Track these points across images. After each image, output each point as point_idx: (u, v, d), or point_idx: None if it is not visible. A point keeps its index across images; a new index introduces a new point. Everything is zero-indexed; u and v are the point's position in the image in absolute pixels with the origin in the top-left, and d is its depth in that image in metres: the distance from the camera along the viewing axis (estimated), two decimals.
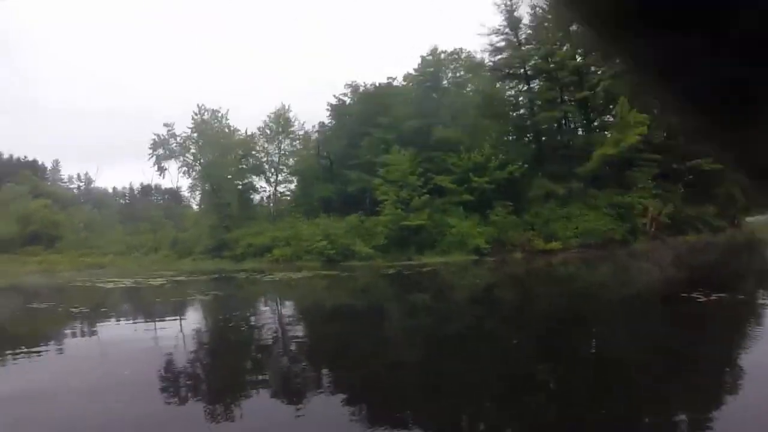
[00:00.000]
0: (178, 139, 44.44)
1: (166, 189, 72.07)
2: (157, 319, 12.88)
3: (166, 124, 43.29)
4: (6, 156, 71.06)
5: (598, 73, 36.13)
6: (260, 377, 7.00)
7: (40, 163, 73.79)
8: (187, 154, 45.17)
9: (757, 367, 6.02)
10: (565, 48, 37.10)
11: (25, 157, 72.20)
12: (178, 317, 13.29)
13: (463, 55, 39.16)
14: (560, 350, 8.26)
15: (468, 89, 38.42)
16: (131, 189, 78.20)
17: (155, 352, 8.54)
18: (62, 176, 77.72)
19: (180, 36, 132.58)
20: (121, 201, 74.50)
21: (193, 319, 12.99)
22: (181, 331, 10.78)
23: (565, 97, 36.60)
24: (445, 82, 38.86)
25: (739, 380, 5.83)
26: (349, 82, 42.26)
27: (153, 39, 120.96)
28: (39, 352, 8.80)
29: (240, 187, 43.68)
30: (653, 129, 33.63)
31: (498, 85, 37.52)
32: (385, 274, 24.96)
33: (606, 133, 35.71)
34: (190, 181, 49.09)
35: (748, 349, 7.11)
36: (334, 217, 35.24)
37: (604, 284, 17.70)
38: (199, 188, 48.44)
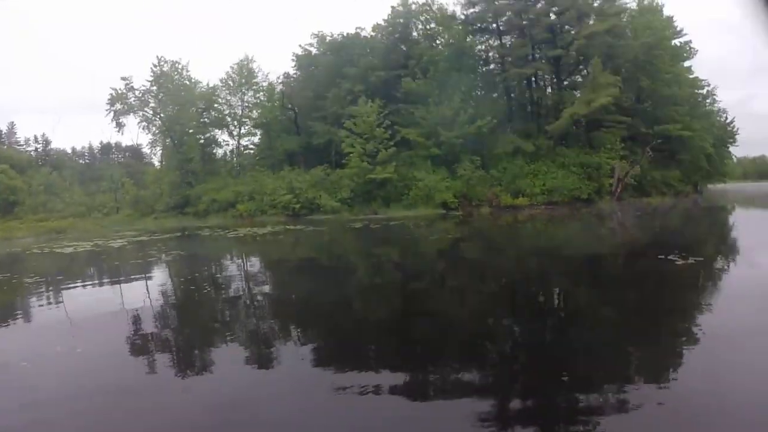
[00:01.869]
0: (137, 92, 42.10)
1: (126, 147, 69.47)
2: (113, 284, 11.55)
3: (123, 78, 40.80)
4: None
5: (572, 32, 35.48)
6: (221, 341, 6.14)
7: None
8: (146, 109, 42.92)
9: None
10: (539, 5, 36.28)
11: None
12: (136, 280, 11.92)
13: (435, 7, 38.00)
14: (534, 308, 7.77)
15: (438, 42, 37.33)
16: (90, 148, 75.08)
17: (107, 320, 7.39)
18: (18, 139, 73.96)
19: None
20: (81, 161, 71.33)
21: (154, 281, 11.50)
22: (139, 295, 9.48)
23: (537, 55, 35.89)
24: (415, 33, 37.69)
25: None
26: (316, 32, 40.62)
27: None
28: None
29: (202, 141, 41.89)
30: (624, 92, 33.60)
31: (469, 39, 36.49)
32: (352, 228, 24.27)
33: (576, 92, 35.42)
34: (150, 136, 47.12)
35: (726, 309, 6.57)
36: (299, 171, 34.19)
37: (576, 242, 17.24)
38: (159, 144, 46.41)
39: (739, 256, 11.68)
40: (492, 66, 37.50)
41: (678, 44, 38.66)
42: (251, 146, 43.62)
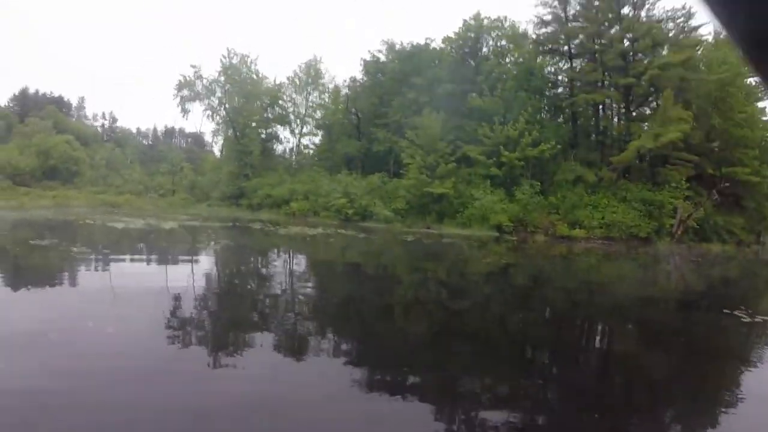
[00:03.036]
0: (205, 81, 43.81)
1: (189, 133, 72.36)
2: (157, 265, 11.98)
3: (193, 66, 42.76)
4: (32, 91, 70.87)
5: (645, 61, 34.63)
6: (252, 334, 6.21)
7: (65, 99, 73.79)
8: (212, 98, 44.68)
9: None
10: (613, 30, 35.59)
11: (51, 92, 72.31)
12: (180, 264, 12.24)
13: (507, 24, 37.80)
14: (575, 347, 7.62)
15: (508, 60, 37.15)
16: (155, 130, 78.33)
17: (144, 300, 7.45)
18: (86, 114, 77.84)
19: None
20: (144, 142, 74.57)
21: (197, 268, 11.69)
22: (180, 279, 9.42)
23: (606, 82, 35.22)
24: (484, 49, 37.63)
25: None
26: (386, 39, 41.15)
27: None
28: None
29: (263, 135, 43.17)
30: (693, 129, 32.49)
31: (539, 60, 36.16)
32: (404, 240, 24.27)
33: (644, 124, 34.53)
34: (213, 125, 48.88)
35: None
36: (356, 176, 34.74)
37: (634, 283, 16.85)
38: (221, 134, 48.08)
39: None
40: (560, 89, 37.05)
41: (753, 83, 37.09)
42: (311, 146, 44.69)
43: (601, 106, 35.90)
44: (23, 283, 8.84)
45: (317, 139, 44.13)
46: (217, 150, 54.83)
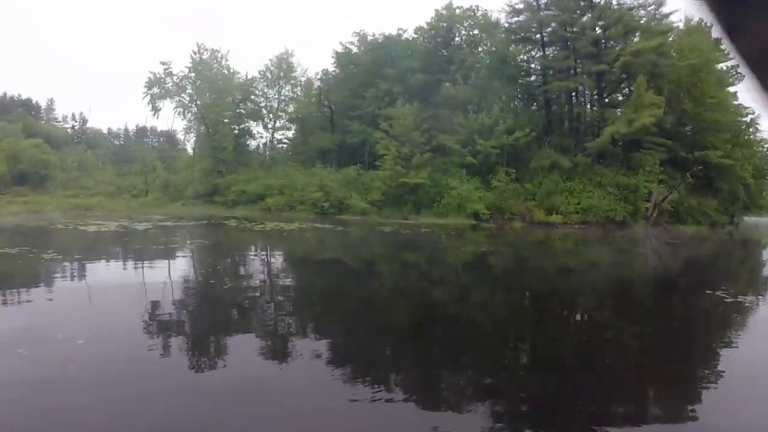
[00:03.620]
0: (175, 78, 42.75)
1: (161, 131, 70.66)
2: (130, 268, 11.32)
3: (162, 62, 41.46)
4: (0, 94, 68.56)
5: (617, 48, 34.77)
6: (231, 333, 5.99)
7: (34, 102, 71.62)
8: (183, 95, 43.62)
9: None
10: (585, 18, 35.64)
11: (19, 95, 69.90)
12: (154, 267, 11.45)
13: (479, 14, 37.72)
14: (558, 330, 7.45)
15: (480, 49, 36.99)
16: (126, 130, 76.55)
17: (117, 307, 7.01)
18: (56, 116, 75.71)
19: None
20: (116, 142, 72.74)
21: (172, 269, 10.97)
22: (153, 283, 8.92)
23: (579, 69, 35.26)
24: (457, 39, 37.39)
25: None
26: (358, 31, 40.67)
27: None
28: None
29: (236, 131, 42.29)
30: (666, 114, 32.71)
31: (512, 48, 36.02)
32: (381, 231, 23.89)
33: (617, 110, 34.67)
34: (185, 123, 47.78)
35: None
36: (331, 169, 34.21)
37: (616, 267, 16.69)
38: (193, 131, 47.02)
39: None
40: (533, 78, 36.98)
41: (724, 68, 37.56)
42: (285, 140, 43.89)
43: (574, 93, 35.94)
44: None
45: (291, 134, 43.48)
46: (190, 148, 53.74)
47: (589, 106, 36.12)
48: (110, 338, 5.52)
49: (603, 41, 35.76)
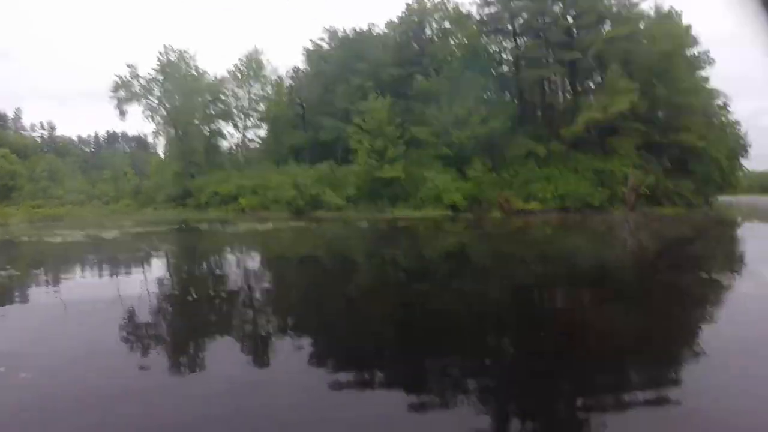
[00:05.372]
0: (141, 80, 41.54)
1: (132, 136, 69.09)
2: (93, 282, 10.19)
3: (129, 65, 40.17)
4: None
5: (590, 36, 34.75)
6: (209, 340, 5.69)
7: (1, 112, 69.58)
8: (150, 97, 42.41)
9: None
10: (557, 7, 35.57)
11: None
12: (118, 278, 10.45)
13: (450, 6, 37.27)
14: (540, 319, 7.23)
15: (452, 41, 36.63)
16: (96, 137, 74.80)
17: (75, 328, 6.31)
18: (24, 125, 73.61)
19: None
20: (87, 149, 70.94)
21: (135, 283, 9.76)
22: (115, 296, 8.08)
23: (552, 58, 35.13)
24: (428, 31, 36.98)
25: None
26: (328, 27, 40.05)
27: None
28: None
29: (207, 132, 41.22)
30: (639, 99, 32.80)
31: (484, 39, 35.76)
32: (357, 227, 23.51)
33: (590, 97, 34.61)
34: (154, 126, 46.46)
35: None
36: (305, 166, 33.42)
37: (598, 251, 16.40)
38: (163, 134, 45.73)
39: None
40: (506, 68, 36.76)
41: (696, 53, 37.85)
42: (257, 140, 42.90)
43: (547, 82, 35.81)
44: None
45: (262, 133, 42.50)
46: (161, 151, 52.35)
47: (562, 94, 36.02)
48: (59, 370, 4.73)
49: (575, 30, 35.72)
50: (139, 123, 61.80)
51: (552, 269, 11.76)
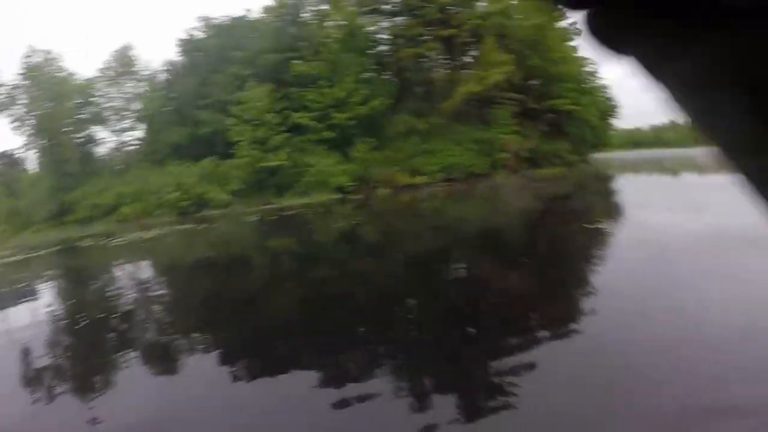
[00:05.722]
0: (5, 88, 37.72)
1: (1, 153, 62.65)
2: None
3: None
4: None
5: (465, 12, 35.78)
6: (113, 367, 5.36)
7: None
8: (16, 106, 38.62)
9: None
10: None
11: None
12: None
13: None
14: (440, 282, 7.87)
15: (329, 23, 36.19)
16: None
17: None
18: None
19: None
20: None
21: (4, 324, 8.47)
22: None
23: (428, 36, 35.77)
24: (305, 14, 36.27)
25: None
26: (203, 16, 38.24)
27: None
28: None
29: (80, 139, 38.06)
30: (514, 70, 34.37)
31: (361, 20, 35.67)
32: (246, 221, 22.85)
33: (468, 71, 35.69)
34: (23, 138, 42.34)
35: None
36: (187, 165, 31.77)
37: (487, 216, 17.08)
38: (34, 146, 41.76)
39: (647, 216, 11.96)
40: (384, 47, 36.92)
41: (566, 25, 40.11)
42: (134, 142, 40.11)
43: (425, 59, 36.45)
44: None
45: (140, 133, 39.84)
46: (34, 166, 47.88)
47: (440, 70, 36.88)
48: None
49: (450, 7, 36.52)
50: (7, 137, 54.88)
51: (444, 239, 12.19)
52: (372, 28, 36.27)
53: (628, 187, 23.62)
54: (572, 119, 36.58)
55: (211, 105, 32.90)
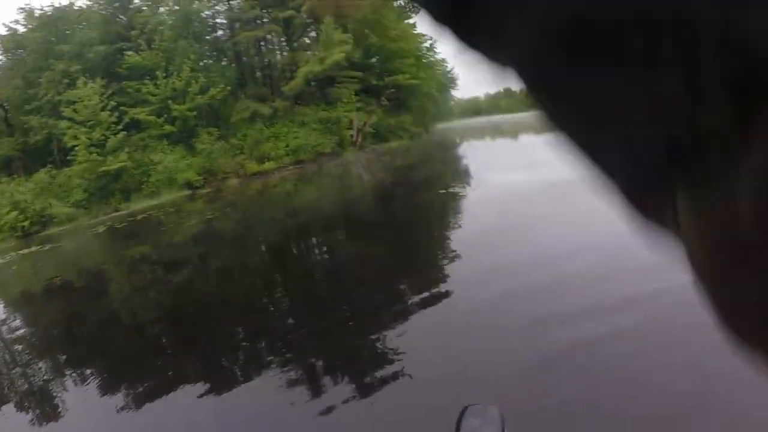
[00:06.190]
0: None
1: None
2: None
3: None
4: None
5: None
6: None
7: None
8: None
9: None
10: None
11: None
12: None
13: None
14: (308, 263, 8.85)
15: (163, 9, 35.11)
16: None
17: None
18: None
19: None
20: None
21: None
22: None
23: (266, 18, 36.18)
24: (136, 1, 34.76)
25: None
26: (24, 6, 35.08)
27: None
28: None
29: None
30: (354, 49, 35.99)
31: (196, 5, 35.05)
32: (95, 234, 22.02)
33: (308, 53, 36.84)
34: None
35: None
36: (20, 179, 29.74)
37: (341, 191, 18.03)
38: None
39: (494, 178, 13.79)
40: (221, 32, 36.77)
41: (402, 3, 42.31)
42: None
43: (263, 42, 36.93)
44: None
45: None
46: None
47: (280, 53, 37.63)
48: None
49: None
50: None
51: (302, 220, 12.97)
52: (208, 13, 35.84)
53: (471, 152, 26.44)
54: (413, 93, 39.47)
55: (40, 108, 30.93)
